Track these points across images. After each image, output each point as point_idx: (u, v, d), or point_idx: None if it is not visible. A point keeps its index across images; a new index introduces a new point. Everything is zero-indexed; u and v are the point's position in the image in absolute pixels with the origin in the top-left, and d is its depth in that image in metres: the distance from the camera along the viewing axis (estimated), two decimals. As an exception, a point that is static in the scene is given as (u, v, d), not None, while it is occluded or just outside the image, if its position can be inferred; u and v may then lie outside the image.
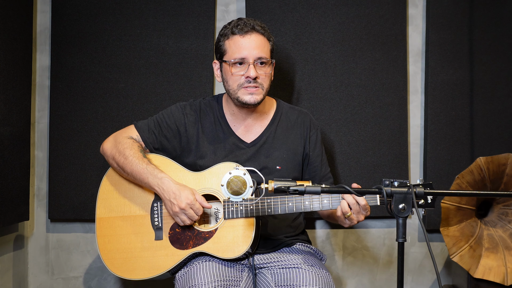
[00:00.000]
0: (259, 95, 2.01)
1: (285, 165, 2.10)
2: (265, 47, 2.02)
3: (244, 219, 1.96)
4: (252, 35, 1.99)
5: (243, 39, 1.99)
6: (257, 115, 2.13)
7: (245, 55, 1.98)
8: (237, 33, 1.99)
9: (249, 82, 1.98)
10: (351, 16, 2.56)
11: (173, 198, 1.93)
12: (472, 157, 2.55)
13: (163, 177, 1.96)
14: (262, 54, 2.00)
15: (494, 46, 2.59)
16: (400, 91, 2.58)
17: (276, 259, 2.02)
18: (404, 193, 1.51)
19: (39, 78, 2.58)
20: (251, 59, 1.98)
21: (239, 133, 2.12)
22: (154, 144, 2.11)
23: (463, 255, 2.34)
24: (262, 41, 2.01)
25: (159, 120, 2.13)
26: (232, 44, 2.00)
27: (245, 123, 2.12)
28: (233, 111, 2.11)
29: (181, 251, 1.98)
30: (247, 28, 1.99)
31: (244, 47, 1.98)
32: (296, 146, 2.14)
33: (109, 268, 2.04)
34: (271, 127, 2.14)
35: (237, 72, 1.99)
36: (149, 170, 1.97)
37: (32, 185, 2.56)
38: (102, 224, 2.08)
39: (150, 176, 1.96)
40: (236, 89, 2.01)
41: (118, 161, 2.03)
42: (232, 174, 1.63)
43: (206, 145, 2.09)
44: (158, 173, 1.97)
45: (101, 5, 2.52)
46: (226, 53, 2.02)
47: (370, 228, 2.65)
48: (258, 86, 2.00)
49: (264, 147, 2.11)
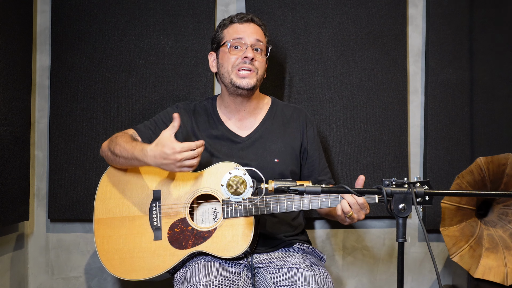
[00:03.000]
0: (252, 78, 2.06)
1: (282, 158, 2.11)
2: (262, 36, 2.14)
3: (243, 218, 1.96)
4: (250, 24, 2.13)
5: (242, 25, 2.12)
6: (251, 109, 2.15)
7: (243, 36, 2.09)
8: (236, 21, 2.12)
9: (244, 62, 2.05)
10: (351, 16, 2.56)
11: (164, 159, 1.90)
12: (472, 157, 2.55)
13: (144, 147, 1.95)
14: (259, 38, 2.11)
15: (494, 46, 2.59)
16: (400, 91, 2.58)
17: (275, 259, 2.02)
18: (404, 193, 1.51)
19: (39, 78, 2.58)
20: (249, 41, 2.08)
21: (233, 127, 2.14)
22: (150, 140, 2.11)
23: (463, 255, 2.34)
24: (259, 31, 2.14)
25: (155, 119, 2.18)
26: (231, 29, 2.12)
27: (239, 115, 2.14)
28: (227, 103, 2.14)
29: (180, 251, 1.98)
30: (246, 18, 2.13)
31: (242, 30, 2.10)
32: (293, 140, 2.15)
33: (108, 269, 2.03)
34: (266, 122, 2.17)
35: (234, 53, 2.08)
36: (133, 145, 1.99)
37: (32, 185, 2.56)
38: (100, 225, 2.07)
39: (135, 151, 1.97)
40: (231, 71, 2.07)
41: (110, 148, 2.05)
42: (232, 174, 1.63)
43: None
44: (139, 145, 1.97)
45: (101, 5, 2.52)
46: (224, 39, 2.13)
47: (370, 228, 2.65)
48: (253, 69, 2.06)
49: (260, 140, 2.12)
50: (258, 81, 2.09)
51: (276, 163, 2.09)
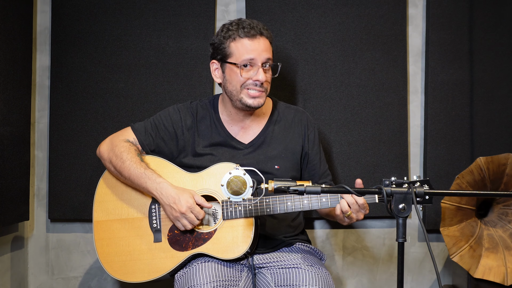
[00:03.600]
0: (262, 98, 2.03)
1: (283, 164, 2.10)
2: (271, 53, 2.04)
3: (243, 219, 1.95)
4: (260, 39, 2.00)
5: (252, 42, 1.99)
6: (255, 117, 2.13)
7: (254, 57, 1.98)
8: (244, 36, 1.99)
9: (256, 85, 2.00)
10: (351, 16, 2.56)
11: (172, 203, 1.92)
12: (472, 157, 2.55)
13: (161, 181, 1.95)
14: (269, 56, 2.02)
15: (494, 46, 2.59)
16: (400, 91, 2.58)
17: (275, 259, 2.02)
18: (404, 193, 1.51)
19: (39, 78, 2.58)
20: (260, 61, 1.99)
21: (236, 134, 2.12)
22: (150, 147, 2.11)
23: (463, 255, 2.33)
24: (268, 46, 2.03)
25: (157, 122, 2.13)
26: (240, 46, 1.99)
27: (242, 124, 2.12)
28: (230, 112, 2.11)
29: (180, 253, 1.98)
30: (255, 32, 1.99)
31: (253, 49, 1.98)
32: (295, 145, 2.14)
33: (109, 272, 2.03)
34: (268, 127, 2.14)
35: (246, 74, 1.99)
36: (147, 174, 1.96)
37: (32, 185, 2.56)
38: (99, 227, 2.06)
39: (148, 181, 1.96)
40: (240, 90, 2.01)
41: (115, 165, 2.02)
42: (232, 174, 1.63)
43: (203, 148, 2.09)
44: (156, 178, 1.96)
45: (101, 5, 2.52)
46: (233, 55, 2.00)
47: (370, 228, 2.65)
48: (263, 90, 2.02)
49: (262, 147, 2.11)
50: (266, 97, 2.08)
51: (277, 170, 2.08)
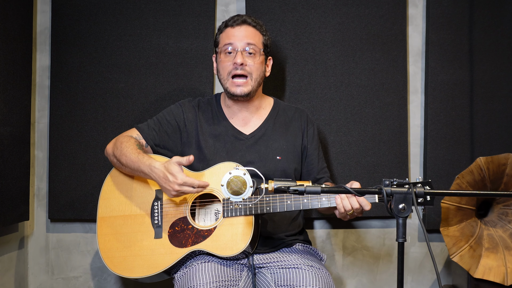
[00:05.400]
0: (246, 86, 2.08)
1: (285, 155, 2.13)
2: (255, 38, 2.11)
3: (243, 217, 1.96)
4: (242, 26, 2.11)
5: (234, 29, 2.11)
6: (253, 109, 2.18)
7: (233, 42, 2.09)
8: (229, 25, 2.12)
9: (236, 69, 2.06)
10: (351, 16, 2.56)
11: (164, 182, 1.94)
12: (472, 157, 2.55)
13: (150, 163, 1.97)
14: (250, 41, 2.09)
15: (494, 46, 2.59)
16: (400, 91, 2.58)
17: (275, 259, 2.03)
18: (404, 193, 1.51)
19: (39, 78, 2.58)
20: (239, 46, 2.08)
21: (237, 125, 2.17)
22: (155, 141, 2.15)
23: (463, 255, 2.34)
24: (252, 32, 2.12)
25: (159, 118, 2.19)
26: (224, 34, 2.13)
27: (242, 116, 2.17)
28: (228, 104, 2.18)
29: (180, 249, 1.99)
30: (239, 21, 2.12)
31: (233, 35, 2.10)
32: (295, 139, 2.18)
33: (109, 267, 2.05)
34: (269, 121, 2.19)
35: (227, 59, 2.09)
36: (139, 158, 2.01)
37: (32, 185, 2.56)
38: (103, 223, 2.09)
39: (141, 164, 2.00)
40: (226, 78, 2.10)
41: (116, 155, 2.08)
42: (232, 174, 1.63)
43: (206, 138, 2.14)
44: (146, 160, 2.00)
45: (101, 5, 2.52)
46: (219, 44, 2.15)
47: (370, 228, 2.65)
48: (246, 74, 2.08)
49: (264, 138, 2.15)
50: (254, 85, 2.10)
51: (279, 161, 2.12)
